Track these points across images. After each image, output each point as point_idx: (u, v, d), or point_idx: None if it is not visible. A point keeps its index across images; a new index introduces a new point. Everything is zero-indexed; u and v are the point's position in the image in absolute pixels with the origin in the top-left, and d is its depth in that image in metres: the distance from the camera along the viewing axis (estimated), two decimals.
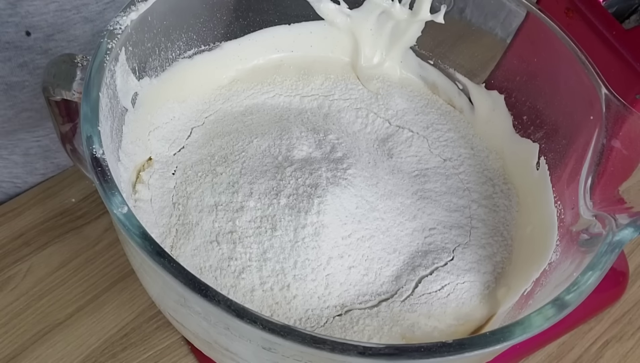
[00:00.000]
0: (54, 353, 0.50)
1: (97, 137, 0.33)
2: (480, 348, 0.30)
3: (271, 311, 0.38)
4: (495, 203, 0.46)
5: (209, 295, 0.29)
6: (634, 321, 0.57)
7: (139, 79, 0.42)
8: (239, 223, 0.40)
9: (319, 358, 0.31)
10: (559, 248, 0.39)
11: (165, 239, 0.41)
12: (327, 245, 0.40)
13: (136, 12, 0.39)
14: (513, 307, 0.40)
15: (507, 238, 0.44)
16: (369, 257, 0.41)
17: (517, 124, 0.47)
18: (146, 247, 0.30)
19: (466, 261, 0.42)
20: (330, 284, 0.39)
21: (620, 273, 0.58)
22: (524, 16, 0.44)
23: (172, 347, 0.51)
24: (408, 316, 0.39)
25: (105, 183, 0.32)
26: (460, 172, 0.47)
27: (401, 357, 0.29)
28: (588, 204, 0.37)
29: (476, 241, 0.43)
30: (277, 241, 0.39)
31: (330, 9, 0.49)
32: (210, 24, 0.47)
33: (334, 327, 0.38)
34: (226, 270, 0.39)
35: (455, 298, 0.41)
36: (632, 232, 0.33)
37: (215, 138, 0.46)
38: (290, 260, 0.39)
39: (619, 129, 0.37)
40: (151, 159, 0.44)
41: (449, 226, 0.44)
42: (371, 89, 0.51)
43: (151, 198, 0.42)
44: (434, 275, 0.41)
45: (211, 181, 0.42)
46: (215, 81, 0.49)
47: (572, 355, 0.55)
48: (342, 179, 0.41)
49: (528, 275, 0.40)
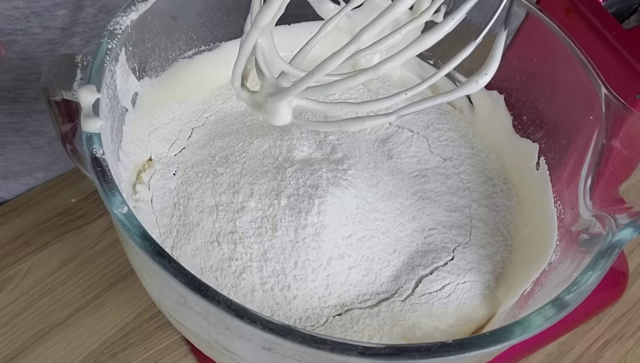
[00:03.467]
0: (54, 353, 0.50)
1: (97, 137, 0.33)
2: (480, 348, 0.30)
3: (272, 312, 0.38)
4: (495, 203, 0.46)
5: (209, 295, 0.29)
6: (634, 321, 0.57)
7: (139, 79, 0.42)
8: (239, 224, 0.40)
9: (319, 358, 0.31)
10: (559, 248, 0.39)
11: (166, 239, 0.41)
12: (328, 245, 0.40)
13: (136, 12, 0.39)
14: (513, 307, 0.40)
15: (507, 237, 0.44)
16: (369, 258, 0.41)
17: (517, 124, 0.47)
18: (146, 247, 0.30)
19: (466, 261, 0.42)
20: (331, 284, 0.39)
21: (620, 273, 0.58)
22: (523, 16, 0.44)
23: (172, 347, 0.51)
24: (409, 316, 0.39)
25: (105, 183, 0.32)
26: (461, 172, 0.47)
27: (401, 357, 0.29)
28: (588, 204, 0.37)
29: (476, 241, 0.44)
30: (278, 242, 0.39)
31: (330, 9, 0.49)
32: (210, 24, 0.47)
33: (334, 327, 0.38)
34: (227, 270, 0.39)
35: (456, 298, 0.41)
36: (632, 232, 0.33)
37: (215, 138, 0.46)
38: (291, 261, 0.39)
39: (618, 129, 0.37)
40: (151, 159, 0.44)
41: (448, 226, 0.44)
42: (371, 88, 0.51)
43: (152, 199, 0.42)
44: (434, 275, 0.41)
45: (212, 181, 0.42)
46: (215, 81, 0.49)
47: (572, 355, 0.55)
48: (342, 180, 0.41)
49: (528, 275, 0.40)
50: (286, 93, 0.33)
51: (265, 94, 0.35)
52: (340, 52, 0.31)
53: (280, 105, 0.34)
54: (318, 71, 0.32)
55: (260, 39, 0.33)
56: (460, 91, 0.33)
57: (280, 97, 0.34)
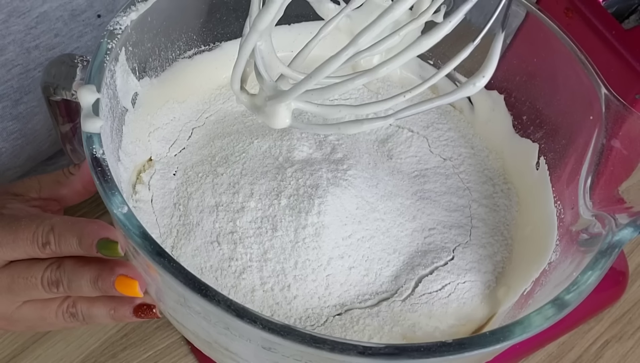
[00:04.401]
0: (54, 353, 0.50)
1: (97, 137, 0.33)
2: (480, 348, 0.30)
3: (272, 312, 0.38)
4: (495, 203, 0.46)
5: (209, 295, 0.29)
6: (634, 321, 0.58)
7: (139, 79, 0.42)
8: (239, 224, 0.40)
9: (319, 358, 0.31)
10: (559, 248, 0.39)
11: (166, 239, 0.41)
12: (328, 245, 0.40)
13: (136, 12, 0.39)
14: (513, 307, 0.40)
15: (507, 237, 0.44)
16: (369, 258, 0.41)
17: (517, 124, 0.47)
18: (146, 247, 0.30)
19: (467, 261, 0.42)
20: (331, 284, 0.39)
21: (620, 273, 0.58)
22: (523, 16, 0.44)
23: (172, 347, 0.51)
24: (409, 316, 0.39)
25: (105, 183, 0.32)
26: (461, 171, 0.47)
27: (401, 356, 0.29)
28: (588, 204, 0.37)
29: (477, 241, 0.44)
30: (278, 242, 0.39)
31: (330, 9, 0.49)
32: (210, 24, 0.47)
33: (334, 326, 0.38)
34: (227, 270, 0.39)
35: (457, 298, 0.41)
36: (632, 232, 0.33)
37: (215, 138, 0.46)
38: (291, 261, 0.39)
39: (618, 129, 0.37)
40: (151, 160, 0.44)
41: (448, 226, 0.44)
42: (371, 89, 0.51)
43: (152, 199, 0.42)
44: (434, 275, 0.41)
45: (212, 181, 0.42)
46: (215, 81, 0.49)
47: (572, 355, 0.55)
48: (342, 180, 0.41)
49: (528, 274, 0.40)
50: (285, 96, 0.33)
51: (265, 97, 0.35)
52: (338, 55, 0.31)
53: (279, 108, 0.34)
54: (316, 73, 0.32)
55: (259, 42, 0.33)
56: (458, 94, 0.33)
57: (279, 100, 0.34)
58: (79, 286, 0.39)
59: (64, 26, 0.48)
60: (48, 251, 0.38)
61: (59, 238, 0.38)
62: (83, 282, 0.38)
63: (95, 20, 0.50)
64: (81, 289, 0.39)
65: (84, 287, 0.38)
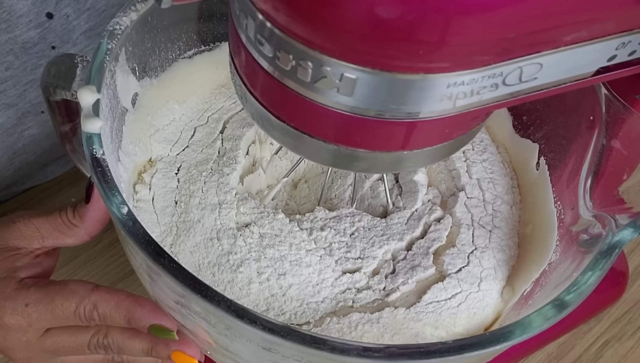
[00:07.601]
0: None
1: (97, 137, 0.33)
2: (480, 348, 0.30)
3: (267, 304, 0.38)
4: (514, 199, 0.45)
5: (208, 296, 0.29)
6: (634, 321, 0.58)
7: (139, 79, 0.42)
8: (242, 219, 0.40)
9: (319, 358, 0.31)
10: (559, 248, 0.39)
11: (166, 237, 0.41)
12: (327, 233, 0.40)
13: (136, 12, 0.39)
14: (513, 307, 0.40)
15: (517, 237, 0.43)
16: (366, 246, 0.41)
17: (517, 124, 0.47)
18: (146, 247, 0.30)
19: (482, 267, 0.40)
20: (323, 270, 0.39)
21: (620, 273, 0.58)
22: None
23: None
24: (412, 325, 0.38)
25: (105, 183, 0.32)
26: (485, 159, 0.46)
27: (401, 357, 0.29)
28: (588, 205, 0.37)
29: (496, 243, 0.42)
30: (278, 224, 0.40)
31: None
32: (210, 24, 0.47)
33: (331, 330, 0.38)
34: (224, 265, 0.39)
35: (467, 308, 0.39)
36: (632, 232, 0.33)
37: (218, 138, 0.46)
38: (286, 243, 0.39)
39: (618, 129, 0.37)
40: (152, 160, 0.44)
41: (466, 225, 0.42)
42: None
43: (153, 198, 0.42)
44: (445, 282, 0.39)
45: (217, 181, 0.42)
46: (215, 81, 0.49)
47: (572, 355, 0.55)
48: None
49: (528, 275, 0.40)
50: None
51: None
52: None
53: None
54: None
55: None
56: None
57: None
58: (130, 354, 0.40)
59: (15, 59, 0.48)
60: (92, 324, 0.39)
61: (104, 317, 0.38)
62: (135, 353, 0.40)
63: (50, 51, 0.49)
64: (132, 356, 0.40)
65: (135, 355, 0.40)
